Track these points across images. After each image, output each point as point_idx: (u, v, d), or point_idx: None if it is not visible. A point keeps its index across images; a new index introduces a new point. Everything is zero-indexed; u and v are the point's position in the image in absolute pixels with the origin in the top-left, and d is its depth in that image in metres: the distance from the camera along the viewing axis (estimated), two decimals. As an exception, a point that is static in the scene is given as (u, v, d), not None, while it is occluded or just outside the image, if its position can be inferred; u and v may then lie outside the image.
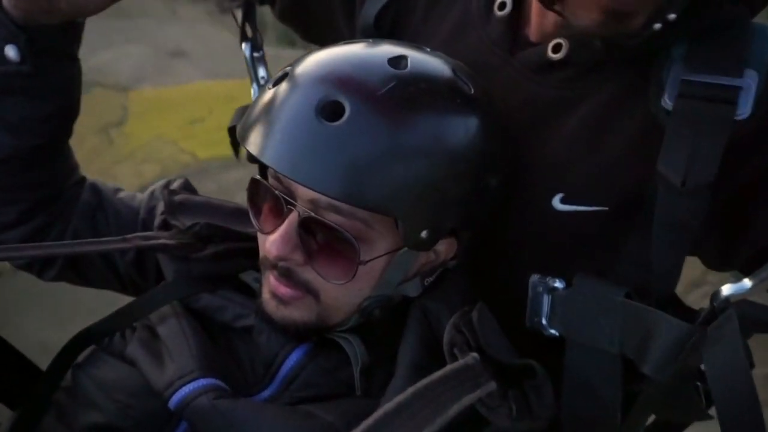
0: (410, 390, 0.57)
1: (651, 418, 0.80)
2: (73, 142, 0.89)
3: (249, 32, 0.92)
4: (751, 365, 0.65)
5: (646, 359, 0.65)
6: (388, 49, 0.66)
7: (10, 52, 0.74)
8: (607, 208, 0.71)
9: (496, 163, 0.70)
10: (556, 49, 0.72)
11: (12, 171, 0.82)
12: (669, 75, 0.66)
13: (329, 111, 0.60)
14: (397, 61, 0.64)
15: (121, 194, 0.94)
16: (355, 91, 0.61)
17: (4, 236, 0.85)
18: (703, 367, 0.64)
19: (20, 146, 0.81)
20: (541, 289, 0.72)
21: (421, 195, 0.63)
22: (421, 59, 0.67)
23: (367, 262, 0.65)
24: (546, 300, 0.72)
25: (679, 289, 0.72)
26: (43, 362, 0.78)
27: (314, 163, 0.59)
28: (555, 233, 0.74)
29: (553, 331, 0.72)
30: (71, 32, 0.80)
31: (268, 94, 0.65)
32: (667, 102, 0.66)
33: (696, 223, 0.65)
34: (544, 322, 0.72)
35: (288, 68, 0.66)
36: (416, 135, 0.62)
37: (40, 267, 0.89)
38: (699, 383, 0.69)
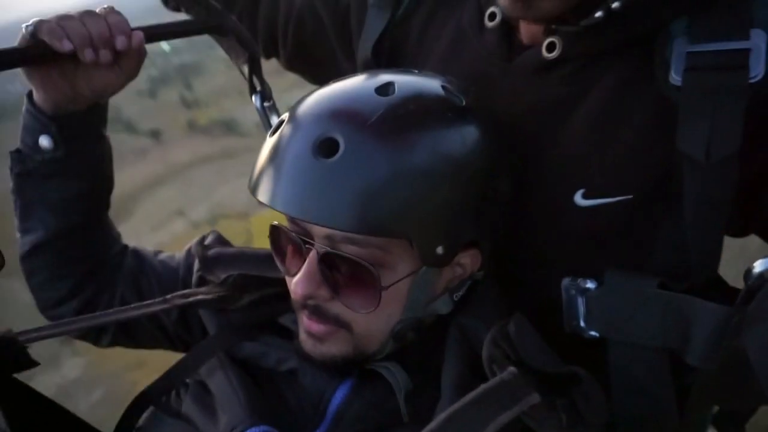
0: (443, 415, 0.57)
1: (716, 409, 0.77)
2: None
3: (257, 85, 0.96)
4: None
5: (690, 349, 0.64)
6: (376, 79, 0.68)
7: (44, 141, 0.82)
8: (631, 196, 0.70)
9: (500, 168, 0.69)
10: (550, 48, 0.72)
11: (60, 248, 0.88)
12: (673, 51, 0.65)
13: (325, 148, 0.61)
14: (384, 89, 0.65)
15: (162, 256, 0.98)
16: (346, 124, 0.62)
17: (60, 310, 0.91)
18: None
19: (62, 225, 0.87)
20: (573, 291, 0.72)
21: (428, 212, 0.63)
22: (409, 82, 0.68)
23: (389, 286, 0.66)
24: (581, 302, 0.71)
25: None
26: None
27: (319, 200, 0.61)
28: (582, 230, 0.73)
29: (593, 333, 0.71)
30: (96, 114, 0.87)
31: (270, 142, 0.67)
32: (675, 78, 0.64)
33: (728, 196, 0.63)
34: (582, 324, 0.71)
35: (285, 115, 0.68)
36: (413, 155, 0.62)
37: (94, 337, 0.94)
38: None
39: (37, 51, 0.75)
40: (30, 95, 0.83)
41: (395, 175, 0.61)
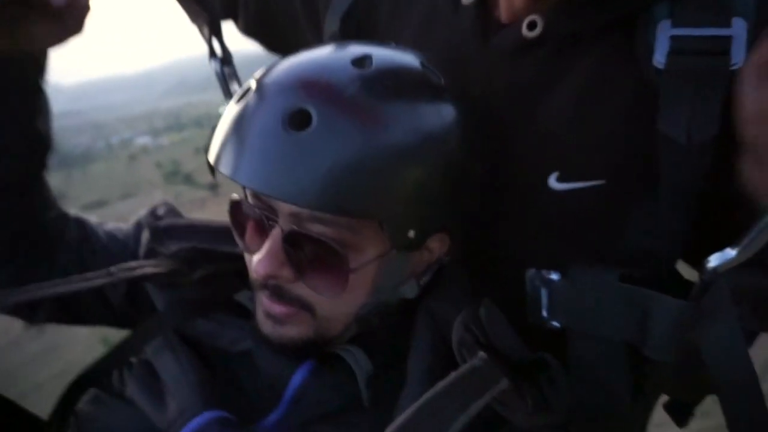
0: (414, 406, 0.55)
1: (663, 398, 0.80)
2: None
3: (217, 49, 0.90)
4: (753, 335, 0.64)
5: (648, 341, 0.65)
6: (352, 50, 0.64)
7: None
8: (604, 181, 0.70)
9: (476, 152, 0.67)
10: (531, 26, 0.70)
11: None
12: (656, 34, 0.65)
13: (296, 120, 0.57)
14: (361, 62, 0.62)
15: (108, 226, 0.92)
16: (320, 96, 0.59)
17: None
18: None
19: None
20: (538, 282, 0.71)
21: (402, 194, 0.60)
22: (386, 56, 0.65)
23: (357, 269, 0.64)
24: (544, 293, 0.71)
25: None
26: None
27: (288, 175, 0.57)
28: (555, 216, 0.73)
29: (555, 323, 0.71)
30: (35, 64, 0.79)
31: (234, 110, 0.62)
32: (658, 61, 0.64)
33: (703, 182, 0.63)
34: (545, 315, 0.71)
35: (251, 81, 0.64)
36: (388, 133, 0.59)
37: (28, 311, 0.87)
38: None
39: None
40: None
41: (369, 153, 0.58)
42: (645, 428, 0.85)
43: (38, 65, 0.80)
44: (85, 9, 0.74)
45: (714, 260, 0.61)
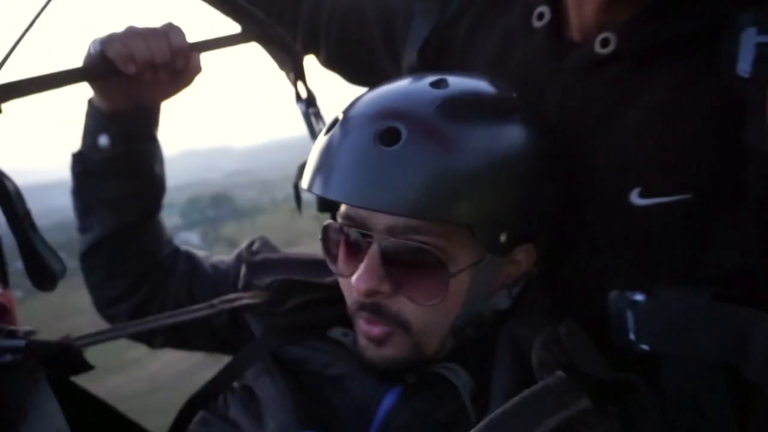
0: (484, 422, 0.55)
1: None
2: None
3: (302, 92, 0.97)
4: None
5: (749, 363, 0.60)
6: (427, 77, 0.68)
7: (103, 140, 0.88)
8: (690, 196, 0.67)
9: (552, 166, 0.69)
10: (605, 43, 0.70)
11: (115, 247, 0.94)
12: (741, 43, 0.62)
13: (387, 137, 0.62)
14: (438, 84, 0.66)
15: (213, 260, 1.01)
16: (407, 115, 0.63)
17: (116, 309, 0.96)
18: None
19: (120, 223, 0.92)
20: (622, 305, 0.69)
21: (491, 198, 0.63)
22: (460, 78, 0.69)
23: (457, 273, 0.65)
24: (630, 315, 0.68)
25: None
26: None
27: (383, 187, 0.61)
28: (638, 232, 0.70)
29: (643, 347, 0.67)
30: (151, 116, 0.93)
31: (324, 140, 0.67)
32: (743, 69, 0.61)
33: None
34: (632, 338, 0.68)
35: (338, 114, 0.68)
36: (471, 143, 0.63)
37: (147, 339, 0.98)
38: None
39: (103, 70, 0.82)
40: (90, 101, 0.89)
41: (456, 162, 0.62)
42: None
43: (153, 116, 0.93)
44: (197, 70, 0.88)
45: None
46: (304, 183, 0.67)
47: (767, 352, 0.58)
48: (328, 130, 0.67)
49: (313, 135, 0.97)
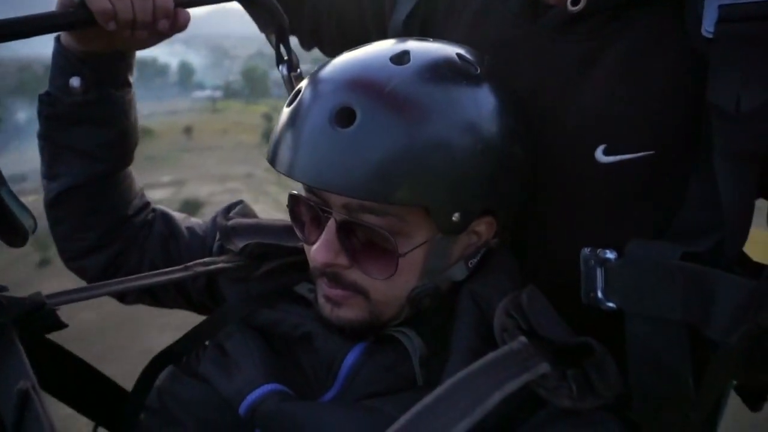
0: (449, 381, 0.57)
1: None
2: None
3: (284, 54, 0.96)
4: None
5: (711, 323, 0.62)
6: (390, 48, 0.68)
7: (75, 82, 0.84)
8: (653, 152, 0.69)
9: (516, 135, 0.69)
10: (575, 2, 0.72)
11: (84, 197, 0.91)
12: (705, 4, 0.64)
13: (342, 117, 0.62)
14: (399, 58, 0.66)
15: (189, 222, 1.00)
16: (363, 94, 0.63)
17: (84, 261, 0.94)
18: None
19: (90, 172, 0.89)
20: (593, 262, 0.70)
21: (444, 180, 0.64)
22: (423, 51, 0.68)
23: (407, 253, 0.67)
24: (599, 273, 0.70)
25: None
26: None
27: (337, 169, 0.62)
28: (603, 190, 0.72)
29: (610, 305, 0.70)
30: (125, 61, 0.89)
31: (287, 112, 0.68)
32: (707, 30, 0.64)
33: (759, 149, 0.61)
34: (600, 296, 0.70)
35: (301, 85, 0.69)
36: (428, 124, 0.63)
37: (119, 295, 0.96)
38: None
39: (81, 20, 0.78)
40: (59, 38, 0.85)
41: (411, 144, 0.62)
42: (717, 417, 0.81)
43: (128, 62, 0.90)
44: (181, 28, 0.84)
45: None
46: (268, 156, 0.69)
47: (731, 313, 0.61)
48: (290, 103, 0.69)
49: None
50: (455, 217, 0.65)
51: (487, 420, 0.55)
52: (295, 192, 0.74)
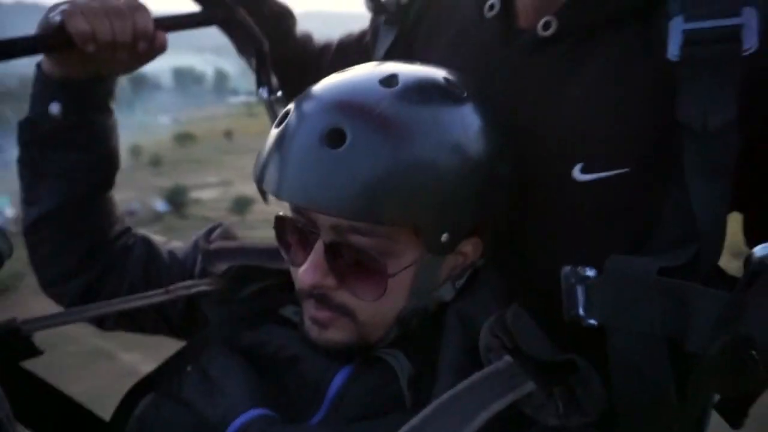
0: (436, 402, 0.57)
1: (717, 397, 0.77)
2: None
3: (264, 78, 0.97)
4: None
5: (690, 336, 0.63)
6: (379, 71, 0.69)
7: (54, 108, 0.84)
8: (628, 169, 0.71)
9: (500, 154, 0.71)
10: (546, 26, 0.75)
11: (63, 222, 0.90)
12: (670, 30, 0.67)
13: (333, 138, 0.63)
14: (388, 81, 0.67)
15: (170, 246, 0.99)
16: (353, 115, 0.64)
17: (63, 288, 0.92)
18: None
19: (69, 197, 0.89)
20: (573, 280, 0.71)
21: (433, 200, 0.64)
22: (411, 74, 0.69)
23: (395, 274, 0.67)
24: (580, 290, 0.71)
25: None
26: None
27: (326, 189, 0.62)
28: (582, 208, 0.74)
29: (591, 321, 0.70)
30: (106, 86, 0.89)
31: (275, 133, 0.68)
32: (673, 54, 0.66)
33: (730, 164, 0.64)
34: (581, 313, 0.71)
35: (290, 106, 0.70)
36: (415, 146, 0.64)
37: (99, 321, 0.95)
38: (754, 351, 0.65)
39: (60, 43, 0.79)
40: (40, 65, 0.85)
41: (400, 165, 0.63)
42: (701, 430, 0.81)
43: (109, 87, 0.90)
44: (161, 49, 0.85)
45: (760, 251, 0.60)
46: (255, 176, 0.69)
47: (708, 326, 0.62)
48: (279, 123, 0.69)
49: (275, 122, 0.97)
50: (444, 237, 0.66)
51: None
52: (282, 213, 0.74)
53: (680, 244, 0.67)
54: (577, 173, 0.73)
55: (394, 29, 0.95)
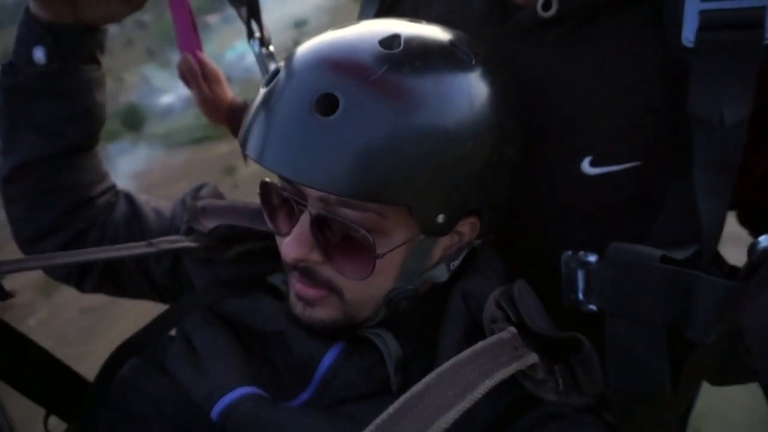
0: (438, 369, 0.54)
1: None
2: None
3: (256, 30, 0.92)
4: None
5: (689, 323, 0.62)
6: (380, 30, 0.62)
7: (38, 53, 0.79)
8: (639, 163, 0.67)
9: (508, 134, 0.65)
10: (547, 6, 0.68)
11: (42, 175, 0.85)
12: (685, 9, 0.61)
13: (324, 105, 0.57)
14: (389, 42, 0.60)
15: (155, 204, 0.95)
16: (348, 80, 0.57)
17: (43, 245, 0.88)
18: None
19: (49, 148, 0.84)
20: (574, 264, 0.69)
21: (430, 179, 0.59)
22: (415, 35, 0.62)
23: (385, 254, 0.63)
24: (580, 275, 0.69)
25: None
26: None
27: (315, 161, 0.56)
28: (588, 201, 0.71)
29: (591, 307, 0.69)
30: (95, 37, 0.84)
31: (264, 94, 0.62)
32: (687, 39, 0.61)
33: (739, 159, 0.60)
34: (581, 297, 0.69)
35: (280, 64, 0.63)
36: (416, 116, 0.57)
37: (77, 279, 0.91)
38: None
39: None
40: (27, 8, 0.80)
41: (396, 137, 0.57)
42: (687, 415, 0.82)
43: (98, 37, 0.84)
44: None
45: (765, 240, 0.58)
46: (240, 138, 0.63)
47: (708, 314, 0.60)
48: (267, 82, 0.63)
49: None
50: (440, 218, 0.61)
51: (474, 418, 0.53)
52: (268, 180, 0.70)
53: (682, 239, 0.64)
54: (586, 166, 0.69)
55: (376, 2, 0.89)
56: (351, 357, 0.70)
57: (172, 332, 0.82)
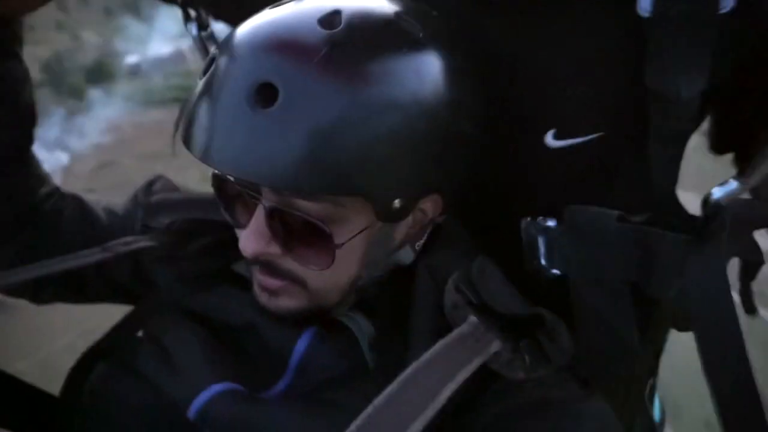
0: (400, 378, 0.54)
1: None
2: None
3: (192, 12, 0.87)
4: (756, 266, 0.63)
5: (651, 281, 0.64)
6: (319, 6, 0.59)
7: None
8: (602, 134, 0.67)
9: (465, 109, 0.63)
10: None
11: None
12: None
13: (262, 95, 0.54)
14: (329, 20, 0.57)
15: (105, 203, 0.91)
16: (286, 66, 0.54)
17: None
18: None
19: None
20: (533, 231, 0.70)
21: (382, 162, 0.57)
22: (357, 11, 0.59)
23: (344, 243, 0.62)
24: (541, 241, 0.70)
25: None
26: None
27: (257, 157, 0.54)
28: (551, 172, 0.70)
29: (554, 271, 0.70)
30: (11, 31, 0.77)
31: (201, 85, 0.59)
32: (644, 8, 0.60)
33: (692, 129, 0.62)
34: (543, 263, 0.70)
35: (215, 52, 0.60)
36: (361, 101, 0.55)
37: (33, 291, 0.88)
38: None
39: None
40: None
41: (342, 124, 0.54)
42: (657, 362, 0.84)
43: (15, 30, 0.78)
44: None
45: (717, 192, 0.60)
46: (182, 134, 0.60)
47: (667, 269, 0.62)
48: (204, 71, 0.59)
49: None
50: (396, 202, 0.59)
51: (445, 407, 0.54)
52: (219, 172, 0.67)
53: (636, 208, 0.65)
54: (550, 139, 0.69)
55: None
56: (324, 340, 0.69)
57: (139, 333, 0.80)
